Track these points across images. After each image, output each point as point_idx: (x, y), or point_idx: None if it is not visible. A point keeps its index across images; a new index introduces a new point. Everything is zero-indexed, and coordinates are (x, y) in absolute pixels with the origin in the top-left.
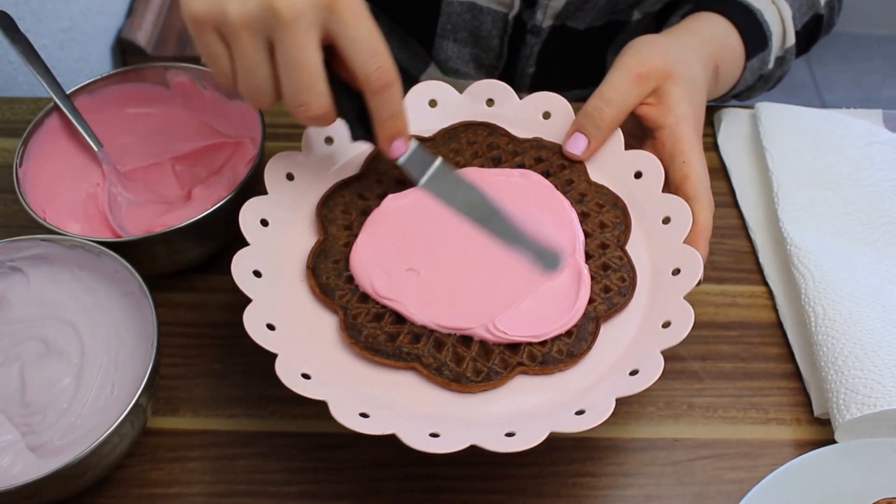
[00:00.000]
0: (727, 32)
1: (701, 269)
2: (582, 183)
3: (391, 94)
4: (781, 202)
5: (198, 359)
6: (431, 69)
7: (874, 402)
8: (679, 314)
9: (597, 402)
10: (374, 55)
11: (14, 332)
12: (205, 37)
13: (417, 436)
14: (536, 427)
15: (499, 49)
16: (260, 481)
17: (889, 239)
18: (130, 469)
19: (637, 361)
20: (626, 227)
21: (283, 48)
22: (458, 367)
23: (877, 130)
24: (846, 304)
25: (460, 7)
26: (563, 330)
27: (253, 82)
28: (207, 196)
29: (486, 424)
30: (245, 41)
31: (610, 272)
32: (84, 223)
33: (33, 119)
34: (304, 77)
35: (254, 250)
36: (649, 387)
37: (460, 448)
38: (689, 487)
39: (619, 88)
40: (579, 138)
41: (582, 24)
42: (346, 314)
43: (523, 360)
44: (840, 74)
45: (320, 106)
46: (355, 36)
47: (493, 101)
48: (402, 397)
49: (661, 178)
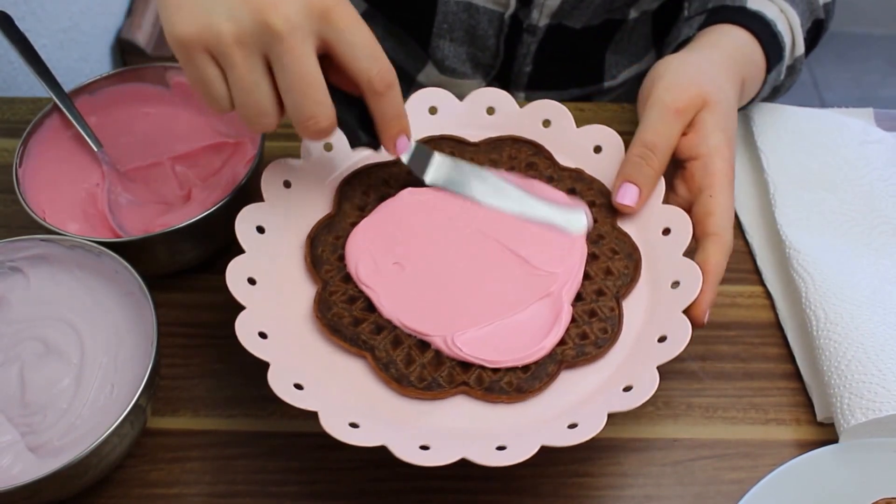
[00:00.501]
0: (752, 47)
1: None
2: (605, 225)
3: (394, 95)
4: (778, 204)
5: (198, 359)
6: (429, 68)
7: (879, 406)
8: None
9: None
10: (375, 58)
11: (14, 332)
12: (195, 60)
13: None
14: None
15: (495, 48)
16: (260, 481)
17: (887, 239)
18: (130, 469)
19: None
20: (632, 280)
21: (282, 62)
22: (405, 369)
23: (870, 130)
24: (847, 307)
25: (456, 6)
26: (519, 363)
27: (252, 103)
28: (207, 196)
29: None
30: (240, 60)
31: (594, 320)
32: (84, 223)
33: (33, 119)
34: (309, 89)
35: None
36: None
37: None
38: (688, 488)
39: (661, 132)
40: (630, 189)
41: (578, 22)
42: (324, 288)
43: (469, 381)
44: (839, 74)
45: (328, 116)
46: (354, 41)
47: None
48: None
49: (688, 241)
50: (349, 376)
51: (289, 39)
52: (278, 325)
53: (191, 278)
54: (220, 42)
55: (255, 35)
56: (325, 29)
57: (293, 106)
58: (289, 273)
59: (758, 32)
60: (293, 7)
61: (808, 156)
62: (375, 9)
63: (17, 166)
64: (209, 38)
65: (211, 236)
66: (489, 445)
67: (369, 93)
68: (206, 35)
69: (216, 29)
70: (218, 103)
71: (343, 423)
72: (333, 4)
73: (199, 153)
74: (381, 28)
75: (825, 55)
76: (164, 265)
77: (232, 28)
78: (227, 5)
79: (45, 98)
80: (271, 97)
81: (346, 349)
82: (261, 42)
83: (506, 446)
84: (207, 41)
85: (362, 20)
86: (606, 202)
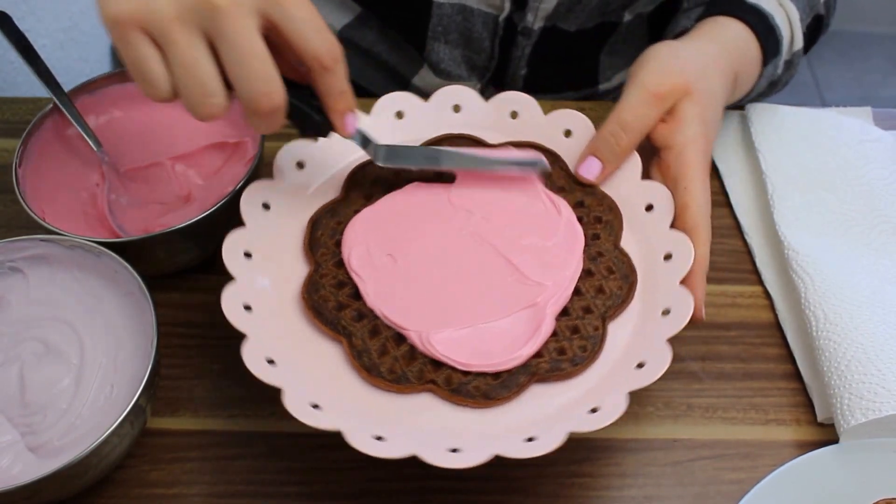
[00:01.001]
0: (747, 40)
1: (664, 369)
2: (607, 243)
3: (340, 70)
4: (777, 205)
5: (197, 359)
6: (424, 71)
7: (879, 406)
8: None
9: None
10: (321, 32)
11: (13, 332)
12: (130, 39)
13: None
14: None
15: (490, 51)
16: (259, 482)
17: (886, 239)
18: (130, 469)
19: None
20: (623, 301)
21: (227, 38)
22: (378, 359)
23: (869, 129)
24: (847, 308)
25: (451, 9)
26: (490, 370)
27: (196, 81)
28: (207, 196)
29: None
30: (180, 36)
31: (576, 337)
32: (83, 223)
33: (33, 119)
34: (258, 63)
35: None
36: (649, 386)
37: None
38: (688, 488)
39: (637, 112)
40: (594, 163)
41: (573, 25)
42: (316, 270)
43: (437, 380)
44: (840, 73)
45: (279, 93)
46: (299, 16)
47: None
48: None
49: (687, 269)
50: (324, 360)
51: (233, 14)
52: (264, 301)
53: (191, 278)
54: (157, 19)
55: (194, 11)
56: (267, 5)
57: (242, 83)
58: (287, 252)
59: (754, 26)
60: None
61: (807, 156)
62: (370, 12)
63: (17, 166)
64: (145, 15)
65: (211, 236)
66: (444, 446)
67: (317, 69)
68: (142, 11)
69: (153, 5)
70: (157, 88)
71: (305, 404)
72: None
73: (199, 153)
74: (375, 31)
75: (826, 54)
76: (164, 265)
77: (170, 4)
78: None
79: (45, 98)
80: (216, 76)
81: (325, 332)
82: (201, 18)
83: (460, 449)
84: (143, 19)
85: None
86: (613, 219)
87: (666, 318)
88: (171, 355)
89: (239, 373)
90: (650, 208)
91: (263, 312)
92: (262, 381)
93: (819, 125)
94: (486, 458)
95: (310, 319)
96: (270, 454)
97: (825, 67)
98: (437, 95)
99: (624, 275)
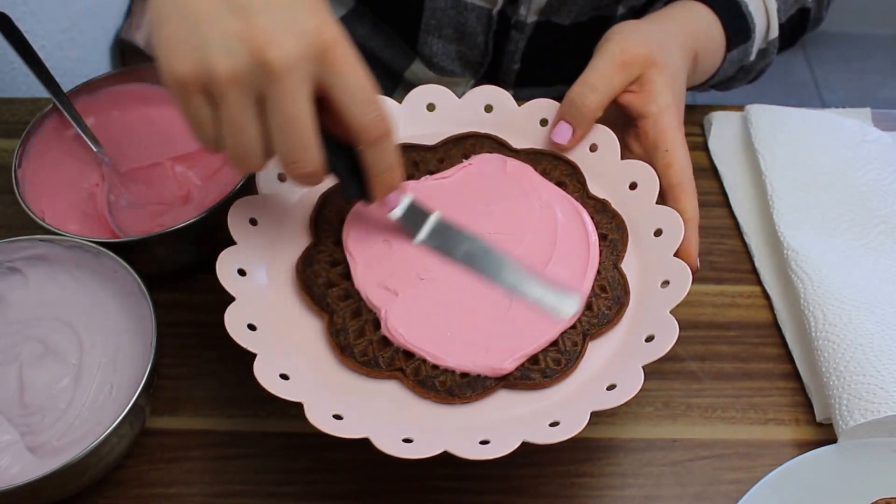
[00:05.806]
0: (709, 22)
1: (635, 391)
2: (607, 261)
3: (388, 146)
4: (776, 205)
5: (197, 359)
6: (416, 65)
7: (877, 407)
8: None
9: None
10: (371, 105)
11: (13, 332)
12: (191, 100)
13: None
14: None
15: (484, 45)
16: (259, 481)
17: (885, 239)
18: (129, 469)
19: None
20: (610, 322)
21: (275, 103)
22: (353, 340)
23: (867, 129)
24: (845, 308)
25: (444, 3)
26: (458, 368)
27: (241, 144)
28: (206, 196)
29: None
30: (233, 99)
31: (552, 349)
32: (83, 224)
33: (32, 119)
34: (298, 133)
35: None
36: (648, 387)
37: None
38: (687, 488)
39: (603, 75)
40: (564, 127)
41: (566, 19)
42: (314, 245)
43: (405, 368)
44: (840, 74)
45: (313, 163)
46: (351, 86)
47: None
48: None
49: (680, 299)
50: (305, 333)
51: (285, 80)
52: (259, 268)
53: (190, 278)
54: (214, 81)
55: (250, 74)
56: (322, 71)
57: (281, 148)
58: (294, 223)
59: (719, 10)
60: (292, 45)
61: (806, 156)
62: (363, 6)
63: (17, 167)
64: (205, 76)
65: (209, 237)
66: (397, 435)
67: (362, 141)
68: (201, 73)
69: (211, 66)
70: (207, 143)
71: (275, 373)
72: (333, 44)
73: (198, 153)
74: (368, 25)
75: (826, 55)
76: (164, 265)
77: (228, 66)
78: (222, 39)
79: (45, 98)
80: (259, 140)
81: (310, 306)
82: (256, 81)
83: (413, 440)
84: (203, 80)
85: (362, 64)
86: (619, 238)
87: (648, 344)
88: (170, 355)
89: (238, 373)
90: (658, 233)
91: (256, 278)
92: (240, 344)
93: (819, 126)
94: (435, 451)
95: (298, 292)
96: (270, 454)
97: (825, 68)
98: (470, 94)
99: (616, 296)
